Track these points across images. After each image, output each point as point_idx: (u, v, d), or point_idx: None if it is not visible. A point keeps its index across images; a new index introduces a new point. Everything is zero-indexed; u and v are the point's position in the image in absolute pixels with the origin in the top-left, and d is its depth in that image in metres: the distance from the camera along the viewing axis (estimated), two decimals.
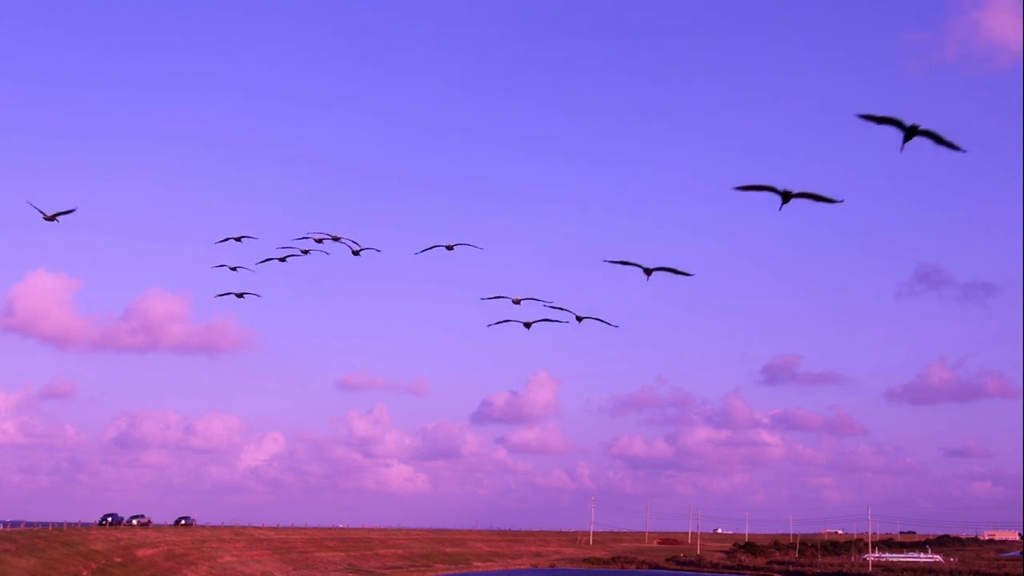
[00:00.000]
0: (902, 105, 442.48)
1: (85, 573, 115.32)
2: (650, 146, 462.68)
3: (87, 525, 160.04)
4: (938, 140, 26.78)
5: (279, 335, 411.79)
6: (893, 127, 26.96)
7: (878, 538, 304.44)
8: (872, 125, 26.76)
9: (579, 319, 51.98)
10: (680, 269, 36.35)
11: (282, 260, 63.67)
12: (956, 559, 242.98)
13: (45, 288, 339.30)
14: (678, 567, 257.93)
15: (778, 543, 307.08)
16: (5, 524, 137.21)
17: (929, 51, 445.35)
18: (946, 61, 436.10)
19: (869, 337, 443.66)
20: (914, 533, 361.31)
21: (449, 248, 56.65)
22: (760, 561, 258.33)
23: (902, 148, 27.36)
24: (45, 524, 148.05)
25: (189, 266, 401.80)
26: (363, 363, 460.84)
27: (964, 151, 26.79)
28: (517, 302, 51.65)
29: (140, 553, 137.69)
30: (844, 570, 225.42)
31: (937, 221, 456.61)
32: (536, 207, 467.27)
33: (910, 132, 26.81)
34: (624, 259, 35.35)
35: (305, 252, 62.22)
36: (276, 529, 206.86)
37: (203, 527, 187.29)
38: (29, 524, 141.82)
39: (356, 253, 60.98)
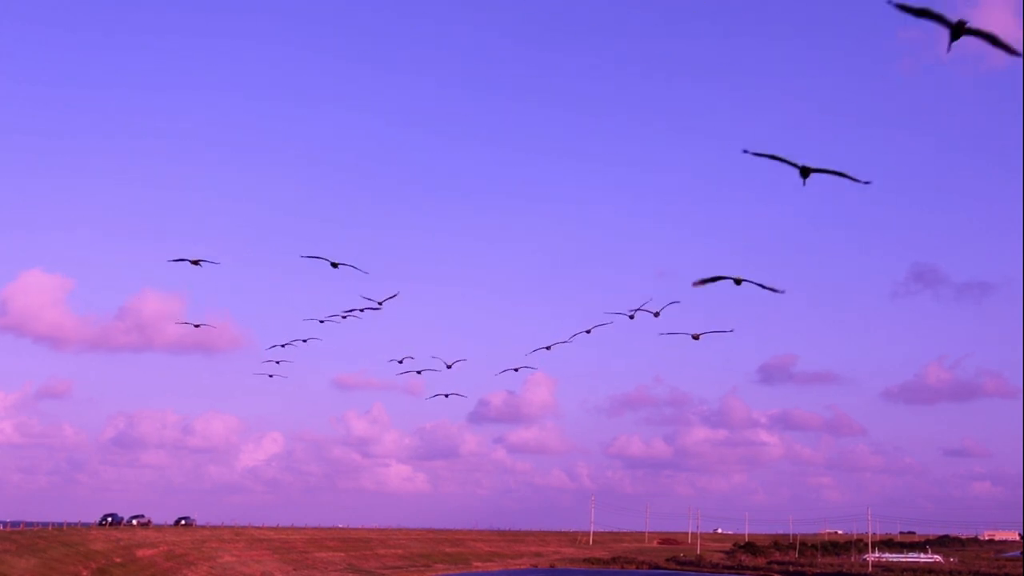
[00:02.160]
0: (899, 104, 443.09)
1: (85, 573, 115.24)
2: (650, 146, 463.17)
3: (87, 525, 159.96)
4: (994, 42, 24.95)
5: (274, 334, 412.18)
6: (935, 22, 25.05)
7: (878, 538, 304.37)
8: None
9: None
10: (768, 285, 33.98)
11: (321, 321, 70.98)
12: (956, 559, 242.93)
13: (39, 287, 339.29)
14: (678, 567, 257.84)
15: (778, 543, 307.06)
16: (5, 524, 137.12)
17: (924, 50, 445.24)
18: (941, 60, 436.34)
19: (865, 336, 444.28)
20: (914, 533, 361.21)
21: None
22: (760, 561, 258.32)
23: (949, 49, 25.66)
24: (45, 524, 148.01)
25: (184, 266, 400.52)
26: (358, 363, 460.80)
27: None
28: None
29: (140, 553, 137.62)
30: (844, 570, 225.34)
31: (932, 220, 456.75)
32: (536, 207, 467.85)
33: (956, 30, 24.96)
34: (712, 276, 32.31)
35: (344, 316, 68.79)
36: (276, 529, 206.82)
37: (203, 527, 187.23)
38: (29, 524, 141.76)
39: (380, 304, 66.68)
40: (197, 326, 67.17)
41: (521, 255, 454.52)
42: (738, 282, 30.15)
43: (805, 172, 29.08)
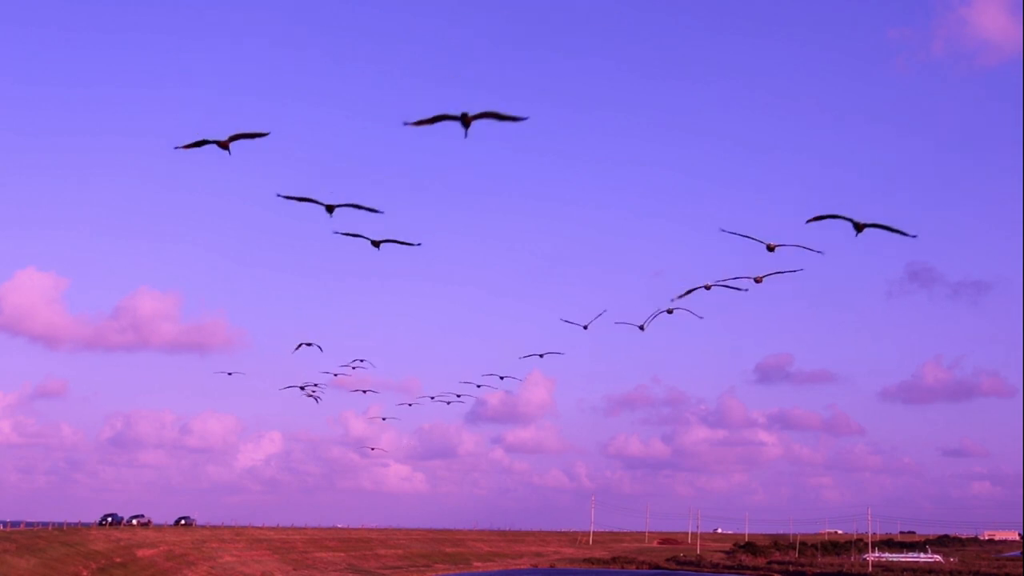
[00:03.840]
0: (893, 102, 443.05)
1: (85, 573, 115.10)
2: (646, 145, 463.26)
3: (87, 525, 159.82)
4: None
5: (269, 333, 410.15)
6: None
7: (878, 538, 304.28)
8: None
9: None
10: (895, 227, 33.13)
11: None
12: (956, 559, 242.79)
13: (34, 286, 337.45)
14: (678, 567, 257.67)
15: (778, 543, 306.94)
16: (5, 524, 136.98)
17: (916, 48, 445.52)
18: (933, 58, 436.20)
19: (861, 336, 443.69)
20: (914, 533, 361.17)
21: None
22: (760, 561, 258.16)
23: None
24: (45, 524, 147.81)
25: (179, 264, 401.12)
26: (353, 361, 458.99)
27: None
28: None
29: (140, 553, 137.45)
30: (844, 570, 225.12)
31: (927, 219, 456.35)
32: (537, 207, 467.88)
33: (858, 227, 28.45)
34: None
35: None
36: (276, 529, 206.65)
37: (203, 527, 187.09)
38: (29, 524, 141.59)
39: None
40: (230, 374, 74.23)
41: (521, 255, 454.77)
42: (859, 228, 31.23)
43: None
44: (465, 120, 26.20)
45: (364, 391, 77.38)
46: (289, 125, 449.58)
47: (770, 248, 40.19)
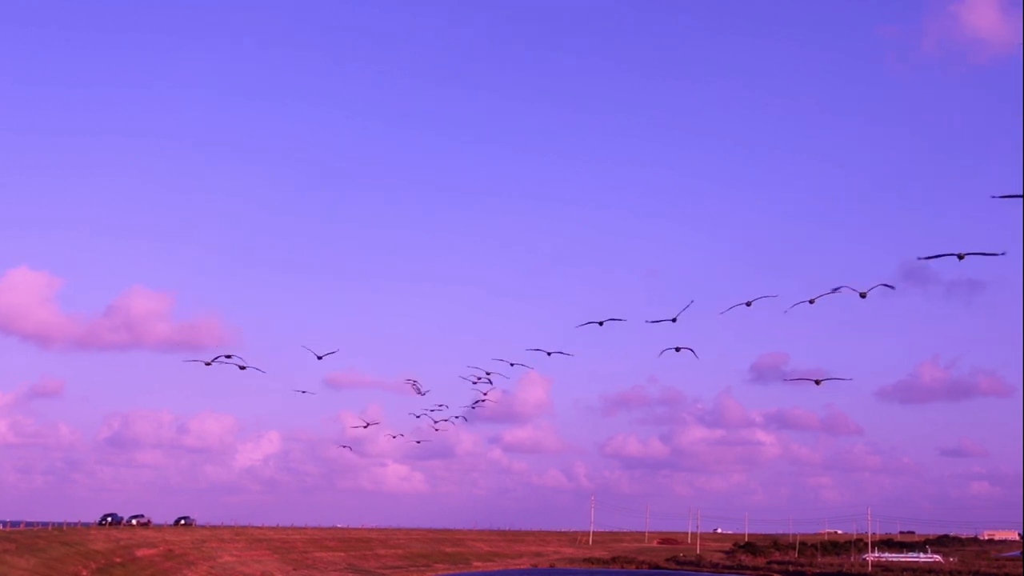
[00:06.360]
0: (886, 101, 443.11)
1: (85, 573, 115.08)
2: (642, 145, 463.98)
3: (87, 525, 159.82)
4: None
5: (265, 333, 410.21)
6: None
7: (878, 538, 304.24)
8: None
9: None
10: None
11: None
12: (956, 559, 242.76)
13: (27, 285, 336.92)
14: (678, 567, 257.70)
15: (778, 543, 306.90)
16: (5, 524, 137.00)
17: (906, 45, 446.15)
18: (924, 55, 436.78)
19: (857, 335, 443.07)
20: (914, 533, 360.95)
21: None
22: (760, 561, 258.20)
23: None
24: (45, 524, 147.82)
25: (173, 263, 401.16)
26: (349, 361, 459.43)
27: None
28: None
29: (140, 553, 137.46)
30: (844, 570, 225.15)
31: (920, 215, 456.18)
32: (537, 207, 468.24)
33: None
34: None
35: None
36: (276, 529, 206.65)
37: (203, 527, 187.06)
38: (29, 524, 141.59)
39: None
40: (254, 369, 74.96)
41: (520, 256, 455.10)
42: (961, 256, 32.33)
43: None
44: None
45: (413, 383, 76.97)
46: (289, 125, 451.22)
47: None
